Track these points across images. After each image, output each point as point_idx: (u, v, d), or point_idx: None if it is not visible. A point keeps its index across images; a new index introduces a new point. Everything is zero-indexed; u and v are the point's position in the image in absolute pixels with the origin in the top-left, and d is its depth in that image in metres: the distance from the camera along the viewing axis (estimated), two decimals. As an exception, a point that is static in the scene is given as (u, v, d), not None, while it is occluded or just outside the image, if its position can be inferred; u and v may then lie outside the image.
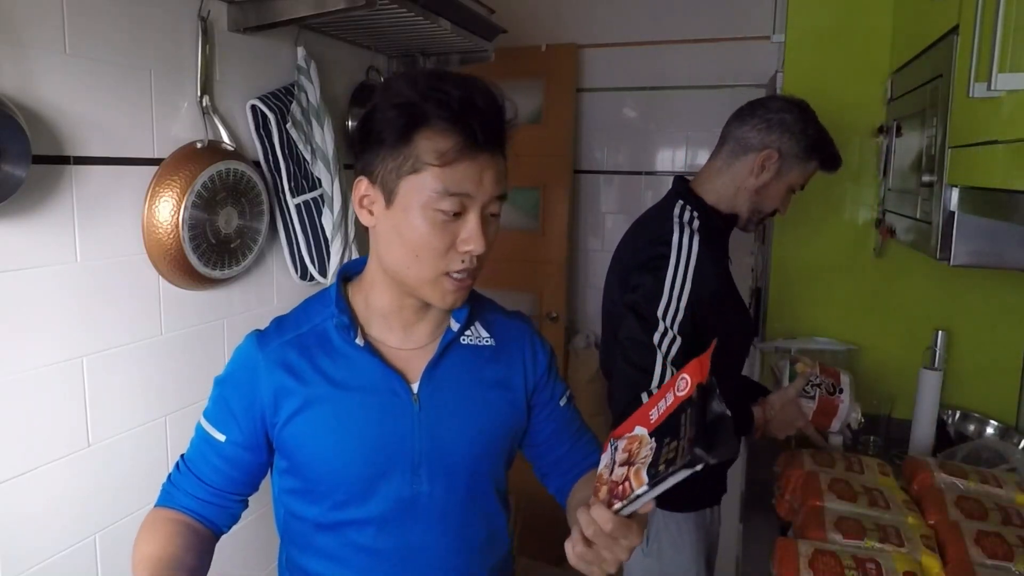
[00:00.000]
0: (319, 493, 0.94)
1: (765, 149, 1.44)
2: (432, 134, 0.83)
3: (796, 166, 1.46)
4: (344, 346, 0.93)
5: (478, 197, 0.85)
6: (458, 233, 0.86)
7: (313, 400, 0.91)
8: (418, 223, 0.85)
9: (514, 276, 2.92)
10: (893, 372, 1.90)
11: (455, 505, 0.96)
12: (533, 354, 1.05)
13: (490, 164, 0.86)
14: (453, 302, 0.90)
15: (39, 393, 1.16)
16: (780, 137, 1.44)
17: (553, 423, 1.07)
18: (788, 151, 1.45)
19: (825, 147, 1.46)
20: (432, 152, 0.83)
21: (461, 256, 0.86)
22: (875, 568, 1.07)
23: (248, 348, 0.95)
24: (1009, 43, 0.85)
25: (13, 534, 1.14)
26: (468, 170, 0.84)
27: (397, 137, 0.84)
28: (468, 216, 0.86)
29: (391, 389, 0.93)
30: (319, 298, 0.99)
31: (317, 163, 1.66)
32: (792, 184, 1.48)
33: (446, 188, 0.83)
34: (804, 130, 1.44)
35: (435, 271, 0.87)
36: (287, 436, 0.92)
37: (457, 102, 0.83)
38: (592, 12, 2.79)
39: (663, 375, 1.34)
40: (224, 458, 0.96)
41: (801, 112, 1.46)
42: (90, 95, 1.21)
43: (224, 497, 0.98)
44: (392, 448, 0.92)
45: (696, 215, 1.45)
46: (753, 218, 1.52)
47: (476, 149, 0.84)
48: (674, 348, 1.36)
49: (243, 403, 0.93)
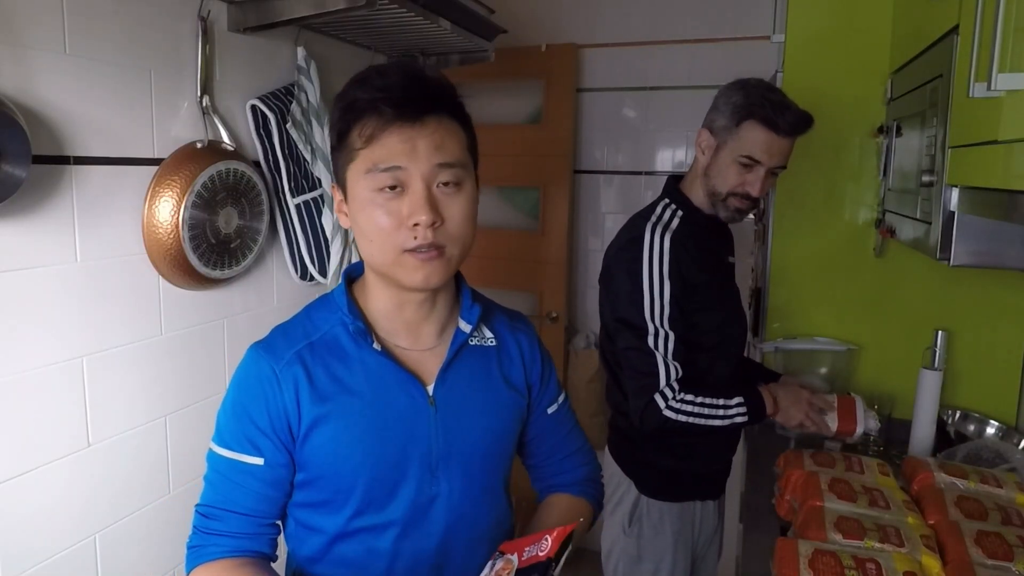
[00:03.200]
0: (338, 503, 0.92)
1: (701, 131, 1.52)
2: (361, 122, 0.86)
3: (728, 136, 1.46)
4: (357, 352, 0.92)
5: (412, 168, 0.85)
6: (404, 209, 0.86)
7: (333, 410, 0.89)
8: (364, 208, 0.86)
9: (514, 276, 2.92)
10: (893, 372, 1.90)
11: (471, 504, 0.96)
12: (532, 357, 1.06)
13: (423, 134, 0.85)
14: (424, 279, 0.88)
15: (39, 393, 1.16)
16: (711, 115, 1.50)
17: (536, 429, 1.08)
18: (717, 125, 1.48)
19: (752, 109, 1.42)
20: (359, 136, 0.86)
21: (412, 232, 0.85)
22: (875, 568, 1.07)
23: (257, 362, 0.91)
24: (1009, 43, 0.85)
25: (13, 534, 1.14)
26: (395, 143, 0.84)
27: (338, 134, 0.88)
28: (409, 190, 0.86)
29: (407, 392, 0.92)
30: (323, 304, 0.97)
31: (317, 163, 1.66)
32: (734, 156, 1.45)
33: (375, 164, 0.85)
34: (728, 100, 1.46)
35: (393, 251, 0.86)
36: (308, 449, 0.90)
37: (375, 83, 0.85)
38: (592, 12, 2.79)
39: (667, 372, 1.41)
40: (267, 482, 0.90)
41: (730, 86, 1.49)
42: (90, 95, 1.21)
43: (267, 525, 0.93)
44: (411, 451, 0.92)
45: (679, 213, 1.51)
46: (717, 202, 1.50)
47: (399, 121, 0.84)
48: (670, 344, 1.42)
49: (270, 418, 0.89)
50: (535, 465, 1.12)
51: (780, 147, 1.44)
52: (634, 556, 1.59)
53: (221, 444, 0.91)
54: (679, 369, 1.42)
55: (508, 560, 0.87)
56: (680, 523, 1.58)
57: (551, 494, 1.10)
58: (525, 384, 1.04)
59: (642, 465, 1.60)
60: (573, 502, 1.08)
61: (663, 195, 1.57)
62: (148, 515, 1.39)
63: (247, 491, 0.90)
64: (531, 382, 1.05)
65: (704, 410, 1.42)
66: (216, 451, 0.91)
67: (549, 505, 1.08)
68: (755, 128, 1.43)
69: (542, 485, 1.12)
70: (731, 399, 1.43)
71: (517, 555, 0.87)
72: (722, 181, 1.48)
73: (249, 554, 0.91)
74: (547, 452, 1.10)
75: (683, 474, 1.58)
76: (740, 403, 1.43)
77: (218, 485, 0.91)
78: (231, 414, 0.92)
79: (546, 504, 1.09)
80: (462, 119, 0.91)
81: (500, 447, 1.00)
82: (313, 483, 0.92)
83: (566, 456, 1.11)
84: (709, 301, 1.49)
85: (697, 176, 1.53)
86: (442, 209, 0.86)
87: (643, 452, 1.59)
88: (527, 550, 0.87)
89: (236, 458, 0.90)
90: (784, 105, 1.42)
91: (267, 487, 0.91)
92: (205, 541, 0.90)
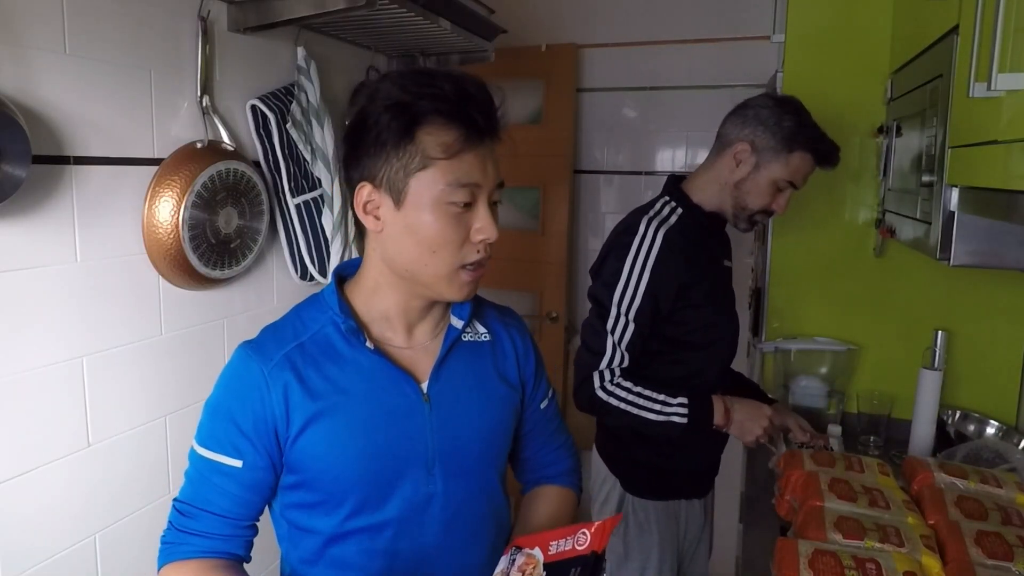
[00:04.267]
0: (333, 504, 0.91)
1: (740, 143, 1.47)
2: (433, 129, 0.84)
3: (773, 159, 1.45)
4: (349, 351, 0.91)
5: (485, 185, 0.87)
6: (470, 224, 0.87)
7: (325, 410, 0.89)
8: (433, 219, 0.86)
9: (514, 276, 2.92)
10: (893, 372, 1.90)
11: (468, 501, 0.96)
12: (525, 351, 1.06)
13: (491, 152, 0.89)
14: (468, 294, 0.92)
15: (39, 393, 1.16)
16: (754, 130, 1.47)
17: (529, 424, 1.09)
18: (763, 144, 1.46)
19: (806, 140, 1.44)
20: (438, 146, 0.84)
21: (476, 247, 0.88)
22: (875, 568, 1.07)
23: (246, 362, 0.90)
24: (1009, 43, 0.85)
25: (13, 534, 1.14)
26: (474, 160, 0.86)
27: (399, 137, 0.85)
28: (478, 206, 0.87)
29: (401, 390, 0.92)
30: (312, 304, 0.96)
31: (317, 163, 1.66)
32: (775, 179, 1.46)
33: (457, 180, 0.85)
34: (779, 122, 1.44)
35: (452, 265, 0.88)
36: (299, 450, 0.89)
37: (453, 95, 0.84)
38: (592, 12, 2.79)
39: (612, 356, 1.43)
40: (244, 485, 0.90)
41: (779, 105, 1.47)
42: (90, 95, 1.21)
43: (243, 527, 0.93)
44: (406, 449, 0.91)
45: (678, 210, 1.50)
46: (740, 215, 1.52)
47: (477, 138, 0.86)
48: (627, 334, 1.43)
49: (254, 421, 0.88)
50: (527, 458, 1.13)
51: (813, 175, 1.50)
52: (620, 555, 1.59)
53: (201, 443, 0.91)
54: (626, 357, 1.43)
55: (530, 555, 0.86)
56: (666, 521, 1.59)
57: (540, 485, 1.12)
58: (519, 379, 1.04)
59: (628, 463, 1.60)
60: (563, 493, 1.11)
61: (664, 192, 1.57)
62: (148, 515, 1.39)
63: (224, 493, 0.90)
64: (525, 377, 1.06)
65: (639, 400, 1.41)
66: (197, 450, 0.91)
67: (541, 496, 1.10)
68: (806, 159, 1.45)
69: (530, 477, 1.13)
70: (674, 398, 1.42)
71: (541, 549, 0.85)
72: (755, 199, 1.48)
73: (222, 555, 0.91)
74: (539, 446, 1.12)
75: (668, 472, 1.58)
76: (682, 403, 1.42)
77: (196, 483, 0.91)
78: (214, 414, 0.91)
79: (537, 495, 1.10)
80: None
81: (496, 443, 1.00)
82: (306, 484, 0.91)
83: (554, 449, 1.13)
84: (699, 299, 1.48)
85: (716, 182, 1.52)
86: None
87: (629, 450, 1.59)
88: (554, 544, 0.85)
89: (215, 459, 0.89)
90: (828, 139, 1.46)
91: (244, 490, 0.90)
92: (178, 539, 0.90)
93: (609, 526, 0.83)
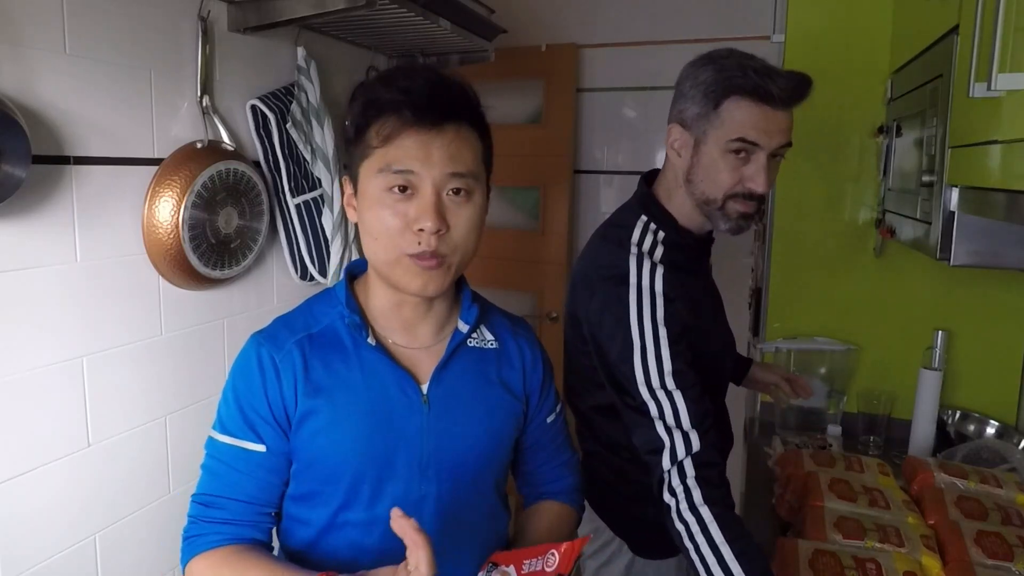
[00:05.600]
0: (326, 495, 0.93)
1: (671, 129, 1.21)
2: (381, 120, 0.86)
3: (705, 124, 1.15)
4: (355, 346, 0.93)
5: (425, 173, 0.85)
6: (410, 213, 0.86)
7: (327, 402, 0.90)
8: (373, 206, 0.87)
9: (514, 276, 2.92)
10: (893, 372, 1.90)
11: (461, 506, 0.96)
12: (533, 362, 1.05)
13: (439, 141, 0.85)
14: (422, 286, 0.88)
15: (39, 393, 1.16)
16: (678, 107, 1.20)
17: (533, 437, 1.08)
18: (689, 115, 1.17)
19: (727, 82, 1.12)
20: (377, 135, 0.86)
21: (416, 237, 0.86)
22: (875, 568, 1.07)
23: (258, 350, 0.92)
24: (1009, 43, 0.85)
25: (13, 534, 1.14)
26: (411, 147, 0.85)
27: (355, 129, 0.89)
28: (419, 194, 0.86)
29: (401, 389, 0.93)
30: (324, 298, 0.98)
31: (317, 163, 1.66)
32: (719, 148, 1.14)
33: (389, 165, 0.85)
34: (695, 82, 1.16)
35: (394, 252, 0.87)
36: (299, 438, 0.91)
37: (400, 86, 0.86)
38: (592, 12, 2.79)
39: (673, 447, 1.07)
40: (268, 469, 0.91)
41: (692, 65, 1.19)
42: (90, 95, 1.21)
43: (267, 514, 0.93)
44: (401, 448, 0.92)
45: (659, 234, 1.21)
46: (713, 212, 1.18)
47: (418, 125, 0.85)
48: (679, 404, 1.08)
49: (269, 407, 0.90)
50: (529, 472, 1.11)
51: (778, 122, 1.12)
52: None
53: (222, 431, 0.92)
54: (692, 436, 1.06)
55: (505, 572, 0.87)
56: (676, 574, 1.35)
57: (541, 501, 1.10)
58: (523, 391, 1.03)
59: (633, 521, 1.32)
60: (564, 510, 1.09)
61: (640, 208, 1.25)
62: (148, 515, 1.39)
63: (249, 477, 0.91)
64: (530, 389, 1.04)
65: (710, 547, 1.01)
66: (217, 438, 0.92)
67: (541, 512, 1.08)
68: (741, 104, 1.11)
69: (532, 491, 1.12)
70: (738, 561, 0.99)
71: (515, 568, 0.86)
72: (713, 183, 1.16)
73: (249, 542, 0.91)
74: (542, 460, 1.10)
75: None
76: None
77: (219, 472, 0.91)
78: (232, 401, 0.92)
79: (537, 511, 1.09)
80: (481, 129, 0.91)
81: (494, 450, 0.99)
82: (302, 473, 0.93)
83: (558, 465, 1.12)
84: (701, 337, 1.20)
85: (677, 186, 1.21)
86: (449, 217, 0.87)
87: (629, 505, 1.31)
88: (527, 563, 0.86)
89: (238, 444, 0.90)
90: (771, 70, 1.12)
91: (269, 474, 0.92)
92: (204, 530, 0.90)
93: (577, 547, 0.82)
